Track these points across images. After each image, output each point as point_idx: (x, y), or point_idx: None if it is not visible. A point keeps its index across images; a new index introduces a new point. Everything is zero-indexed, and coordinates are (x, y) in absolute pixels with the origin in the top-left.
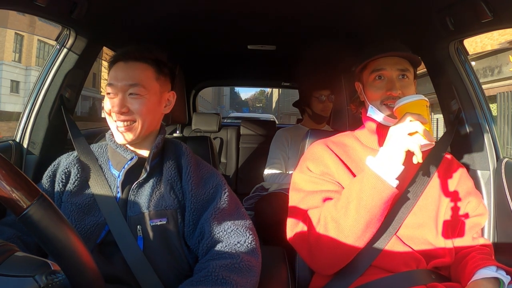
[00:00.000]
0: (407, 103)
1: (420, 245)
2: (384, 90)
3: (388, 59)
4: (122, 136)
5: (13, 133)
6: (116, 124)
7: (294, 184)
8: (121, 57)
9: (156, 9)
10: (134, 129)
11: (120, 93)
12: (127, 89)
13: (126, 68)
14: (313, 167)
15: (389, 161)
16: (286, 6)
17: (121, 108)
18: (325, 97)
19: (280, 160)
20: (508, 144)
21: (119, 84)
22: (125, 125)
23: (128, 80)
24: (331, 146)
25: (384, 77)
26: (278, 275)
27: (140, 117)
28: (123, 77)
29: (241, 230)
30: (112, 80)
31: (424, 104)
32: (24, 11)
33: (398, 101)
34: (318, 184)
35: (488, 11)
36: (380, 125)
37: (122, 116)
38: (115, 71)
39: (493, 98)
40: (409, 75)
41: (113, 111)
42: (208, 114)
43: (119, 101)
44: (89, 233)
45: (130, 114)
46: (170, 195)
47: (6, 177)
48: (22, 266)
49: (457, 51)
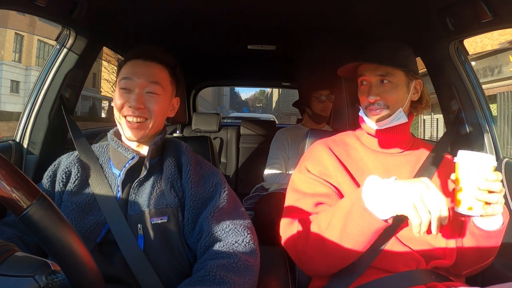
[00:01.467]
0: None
1: (419, 245)
2: (366, 95)
3: (368, 64)
4: (132, 132)
5: (13, 133)
6: (127, 119)
7: (292, 183)
8: (141, 55)
9: (156, 9)
10: (145, 127)
11: (138, 89)
12: (145, 86)
13: (146, 66)
14: (311, 167)
15: (388, 203)
16: (286, 6)
17: (139, 104)
18: (324, 97)
19: (280, 160)
20: (508, 144)
21: (138, 80)
22: (138, 121)
23: (148, 77)
24: (331, 146)
25: (366, 82)
26: (277, 275)
27: (154, 116)
28: (143, 73)
29: (239, 230)
30: (130, 75)
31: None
32: (24, 11)
33: (461, 153)
34: (314, 186)
35: (488, 11)
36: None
37: (137, 112)
38: (134, 67)
39: (493, 98)
40: (392, 79)
41: (129, 106)
42: (208, 114)
43: (137, 96)
44: (89, 232)
45: (145, 112)
46: (170, 193)
47: (6, 177)
48: (22, 266)
49: (457, 51)
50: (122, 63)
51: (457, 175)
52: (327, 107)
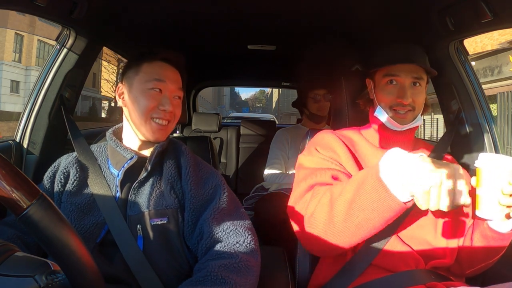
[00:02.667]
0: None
1: (419, 245)
2: (395, 96)
3: (403, 65)
4: (158, 134)
5: (13, 133)
6: (156, 121)
7: (300, 165)
8: (172, 59)
9: (156, 9)
10: (169, 129)
11: (169, 93)
12: (175, 92)
13: (174, 71)
14: (322, 150)
15: (405, 179)
16: (286, 6)
17: (172, 108)
18: (320, 97)
19: (280, 160)
20: (508, 144)
21: (171, 85)
22: (165, 124)
23: (178, 83)
24: (340, 136)
25: (396, 82)
26: (278, 275)
27: (175, 120)
28: (175, 79)
29: (240, 230)
30: (164, 77)
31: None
32: (24, 11)
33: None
34: (327, 163)
35: (488, 11)
36: (382, 125)
37: (168, 115)
38: (165, 70)
39: (493, 98)
40: (421, 83)
41: (162, 109)
42: (208, 114)
43: (171, 101)
44: (89, 232)
45: (171, 115)
46: (170, 194)
47: (6, 177)
48: (22, 266)
49: (457, 51)
50: (142, 60)
51: (479, 179)
52: (323, 106)
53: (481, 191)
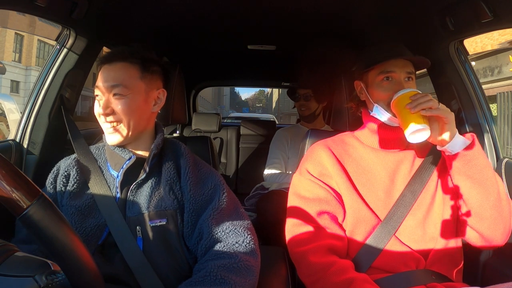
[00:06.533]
0: (404, 94)
1: (419, 245)
2: (392, 92)
3: (397, 61)
4: (110, 138)
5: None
6: (102, 127)
7: (293, 187)
8: (105, 60)
9: (156, 9)
10: (120, 130)
11: (105, 94)
12: (110, 90)
13: (109, 70)
14: (311, 168)
15: None
16: (286, 6)
17: (105, 109)
18: (299, 96)
19: (280, 160)
20: (508, 144)
21: (102, 86)
22: (112, 127)
23: (110, 81)
24: (331, 146)
25: (392, 78)
26: (278, 275)
27: (125, 117)
28: (106, 78)
29: (239, 230)
30: (98, 82)
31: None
32: (24, 11)
33: (396, 94)
34: (315, 189)
35: (488, 11)
36: (382, 125)
37: (108, 118)
38: (101, 73)
39: (493, 98)
40: (413, 77)
41: (100, 113)
42: (208, 114)
43: (103, 102)
44: (90, 234)
45: (115, 115)
46: (169, 195)
47: (6, 177)
48: (22, 266)
49: (457, 51)
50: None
51: (395, 110)
52: (303, 106)
53: (400, 116)
